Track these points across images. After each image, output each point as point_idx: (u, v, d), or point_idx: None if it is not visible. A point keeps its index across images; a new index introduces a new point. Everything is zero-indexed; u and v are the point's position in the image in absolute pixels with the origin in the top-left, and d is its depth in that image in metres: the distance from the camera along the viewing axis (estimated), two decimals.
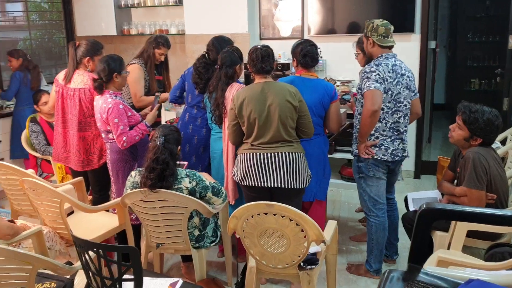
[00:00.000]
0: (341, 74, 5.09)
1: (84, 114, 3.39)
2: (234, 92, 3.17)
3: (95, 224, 3.20)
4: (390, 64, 2.91)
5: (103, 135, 3.21)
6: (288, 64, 4.88)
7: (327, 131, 3.29)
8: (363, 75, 2.90)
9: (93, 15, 6.02)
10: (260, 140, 2.83)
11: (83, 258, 1.99)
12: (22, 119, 4.77)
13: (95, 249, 1.93)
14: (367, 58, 3.45)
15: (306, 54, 3.12)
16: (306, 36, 5.23)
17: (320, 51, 3.21)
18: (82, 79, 3.39)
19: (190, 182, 2.67)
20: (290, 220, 2.33)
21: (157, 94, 3.55)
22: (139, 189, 2.63)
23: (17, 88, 4.82)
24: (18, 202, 3.32)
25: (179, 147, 2.76)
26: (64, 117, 3.50)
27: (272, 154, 2.82)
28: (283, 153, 2.82)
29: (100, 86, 3.11)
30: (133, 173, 2.77)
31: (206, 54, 3.51)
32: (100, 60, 3.15)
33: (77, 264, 2.17)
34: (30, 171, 3.36)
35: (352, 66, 4.27)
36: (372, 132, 2.96)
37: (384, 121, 2.96)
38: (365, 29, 2.98)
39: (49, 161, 4.22)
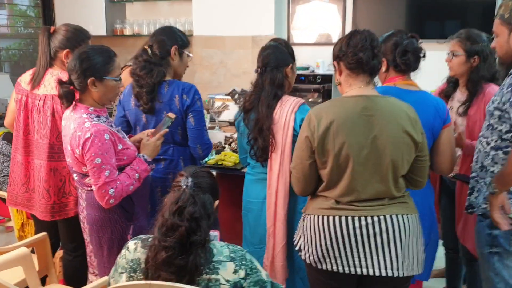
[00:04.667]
0: None
1: (59, 134, 2.21)
2: (288, 110, 2.09)
3: None
4: None
5: (74, 176, 2.03)
6: (330, 76, 3.79)
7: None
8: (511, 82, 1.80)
9: (78, 11, 5.03)
10: (353, 196, 1.68)
11: None
12: None
13: None
14: (479, 63, 2.37)
15: (407, 50, 2.01)
16: None
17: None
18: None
19: (235, 272, 1.48)
20: None
21: (167, 114, 2.19)
22: (143, 282, 1.45)
23: None
24: None
25: (216, 202, 1.60)
26: (28, 139, 2.34)
27: (376, 219, 1.67)
28: (395, 217, 1.68)
29: (68, 95, 1.95)
30: (131, 244, 1.56)
31: (149, 49, 2.29)
32: (75, 53, 2.00)
33: None
34: None
35: (428, 77, 3.13)
36: None
37: None
38: (506, 13, 1.86)
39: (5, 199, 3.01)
